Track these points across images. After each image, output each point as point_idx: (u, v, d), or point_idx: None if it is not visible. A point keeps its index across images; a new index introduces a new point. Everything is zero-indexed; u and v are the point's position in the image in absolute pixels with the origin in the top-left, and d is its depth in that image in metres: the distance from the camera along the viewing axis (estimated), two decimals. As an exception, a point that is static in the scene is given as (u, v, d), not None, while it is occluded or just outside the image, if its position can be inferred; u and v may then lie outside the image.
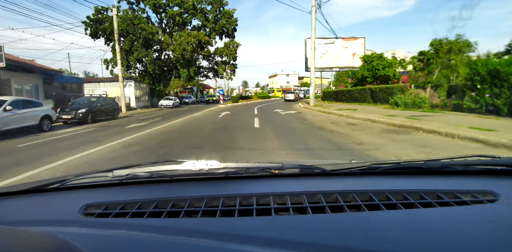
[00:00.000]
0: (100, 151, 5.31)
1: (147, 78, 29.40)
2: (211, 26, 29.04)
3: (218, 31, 29.48)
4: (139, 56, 25.81)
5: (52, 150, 5.65)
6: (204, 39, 26.80)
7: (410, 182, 0.92)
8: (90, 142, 6.40)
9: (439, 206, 0.71)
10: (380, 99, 14.67)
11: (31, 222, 0.72)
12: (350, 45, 22.58)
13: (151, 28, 25.48)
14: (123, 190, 0.95)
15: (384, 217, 0.66)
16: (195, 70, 28.51)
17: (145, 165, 1.04)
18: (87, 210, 0.77)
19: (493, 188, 0.79)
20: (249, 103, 27.92)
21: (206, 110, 17.92)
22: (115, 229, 0.63)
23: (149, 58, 26.61)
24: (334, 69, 23.32)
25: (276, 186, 0.91)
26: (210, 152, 4.91)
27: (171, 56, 29.39)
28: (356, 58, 21.96)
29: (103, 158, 4.73)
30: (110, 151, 5.28)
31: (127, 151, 5.26)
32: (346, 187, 0.86)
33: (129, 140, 6.50)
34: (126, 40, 25.47)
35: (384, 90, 14.57)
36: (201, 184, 0.95)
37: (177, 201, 0.80)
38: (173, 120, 11.46)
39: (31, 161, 4.56)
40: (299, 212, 0.73)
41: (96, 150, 5.38)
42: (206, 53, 29.78)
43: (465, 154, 1.04)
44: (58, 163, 4.38)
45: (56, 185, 0.96)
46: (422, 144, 4.83)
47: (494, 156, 1.02)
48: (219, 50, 29.77)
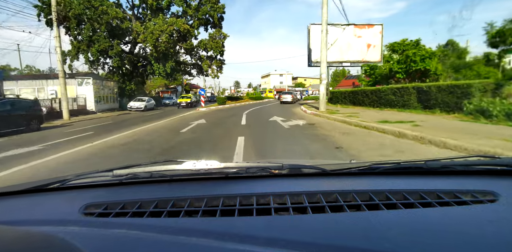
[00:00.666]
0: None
1: (116, 75, 24.34)
2: (193, 13, 24.09)
3: (202, 20, 24.54)
4: (100, 47, 20.71)
5: None
6: (184, 27, 21.77)
7: (410, 182, 0.91)
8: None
9: (439, 206, 0.71)
10: (439, 103, 9.07)
11: (31, 222, 0.72)
12: (365, 34, 17.83)
13: (115, 12, 20.38)
14: (123, 190, 0.95)
15: (384, 217, 0.66)
16: (173, 66, 23.49)
17: (145, 165, 1.04)
18: (87, 210, 0.77)
19: (493, 188, 0.79)
20: (237, 106, 22.86)
21: (177, 117, 13.04)
22: (115, 229, 0.64)
23: (114, 50, 21.53)
24: (344, 63, 18.52)
25: (276, 186, 0.91)
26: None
27: (147, 50, 24.48)
28: (372, 50, 17.34)
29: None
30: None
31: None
32: (346, 187, 0.86)
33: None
34: (85, 27, 20.39)
35: (449, 89, 8.71)
36: (201, 184, 0.96)
37: (177, 201, 0.80)
38: (104, 138, 6.71)
39: None
40: (299, 212, 0.73)
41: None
42: (188, 46, 24.75)
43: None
44: None
45: (56, 185, 0.96)
46: None
47: (494, 156, 1.05)
48: (203, 43, 24.74)
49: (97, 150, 5.35)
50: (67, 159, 4.69)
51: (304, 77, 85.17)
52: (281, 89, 73.47)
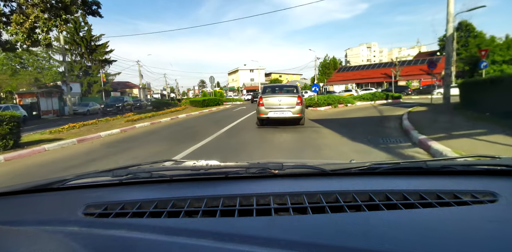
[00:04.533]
0: None
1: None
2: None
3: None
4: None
5: None
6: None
7: (410, 182, 0.91)
8: None
9: (439, 206, 0.71)
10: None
11: (31, 222, 0.72)
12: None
13: None
14: (123, 190, 0.95)
15: (384, 217, 0.66)
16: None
17: (145, 165, 1.06)
18: (87, 210, 0.77)
19: (493, 188, 0.79)
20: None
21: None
22: (115, 229, 0.63)
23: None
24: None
25: (276, 186, 0.90)
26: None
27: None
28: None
29: None
30: None
31: None
32: (346, 187, 0.86)
33: None
34: None
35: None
36: (201, 184, 0.94)
37: (177, 201, 0.80)
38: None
39: None
40: (299, 212, 0.73)
41: None
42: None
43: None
44: None
45: (56, 185, 0.95)
46: None
47: (494, 156, 1.02)
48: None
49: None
50: None
51: (279, 72, 69.68)
52: (253, 87, 57.14)
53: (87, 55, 33.77)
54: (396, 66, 36.34)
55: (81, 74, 33.96)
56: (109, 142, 7.30)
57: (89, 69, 34.17)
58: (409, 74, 35.73)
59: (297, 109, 7.76)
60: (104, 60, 35.14)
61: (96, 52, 34.41)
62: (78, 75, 33.66)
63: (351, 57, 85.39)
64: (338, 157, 4.40)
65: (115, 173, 0.92)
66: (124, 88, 44.90)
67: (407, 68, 36.76)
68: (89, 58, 34.01)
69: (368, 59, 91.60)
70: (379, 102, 19.41)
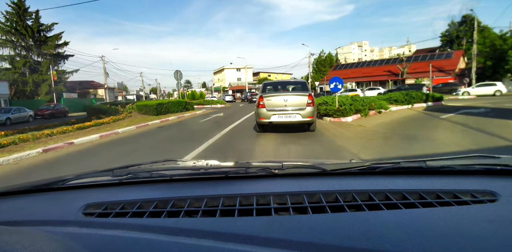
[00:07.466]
0: None
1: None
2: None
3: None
4: None
5: None
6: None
7: (410, 181, 0.90)
8: None
9: (439, 206, 0.71)
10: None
11: (31, 222, 0.72)
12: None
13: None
14: (123, 190, 0.94)
15: (384, 217, 0.66)
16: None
17: (145, 165, 1.03)
18: (87, 210, 0.77)
19: (493, 188, 0.79)
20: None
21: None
22: (115, 229, 0.63)
23: None
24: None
25: (276, 186, 0.89)
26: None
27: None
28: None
29: None
30: None
31: None
32: (346, 187, 0.85)
33: None
34: None
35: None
36: (201, 184, 0.94)
37: (177, 201, 0.80)
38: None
39: None
40: (299, 212, 0.73)
41: None
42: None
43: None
44: None
45: (56, 185, 0.95)
46: None
47: (494, 156, 1.02)
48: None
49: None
50: None
51: (268, 71, 64.43)
52: (239, 87, 51.71)
53: (34, 48, 27.45)
54: (403, 62, 31.85)
55: (27, 72, 27.57)
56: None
57: (38, 65, 27.82)
58: (418, 71, 31.28)
59: (308, 111, 6.26)
60: (56, 54, 28.92)
61: (46, 45, 28.16)
62: (22, 72, 27.28)
63: (342, 56, 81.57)
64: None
65: (115, 173, 0.93)
66: (87, 88, 38.62)
67: (415, 64, 32.32)
68: (36, 51, 27.69)
69: (359, 58, 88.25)
70: (418, 105, 13.87)
